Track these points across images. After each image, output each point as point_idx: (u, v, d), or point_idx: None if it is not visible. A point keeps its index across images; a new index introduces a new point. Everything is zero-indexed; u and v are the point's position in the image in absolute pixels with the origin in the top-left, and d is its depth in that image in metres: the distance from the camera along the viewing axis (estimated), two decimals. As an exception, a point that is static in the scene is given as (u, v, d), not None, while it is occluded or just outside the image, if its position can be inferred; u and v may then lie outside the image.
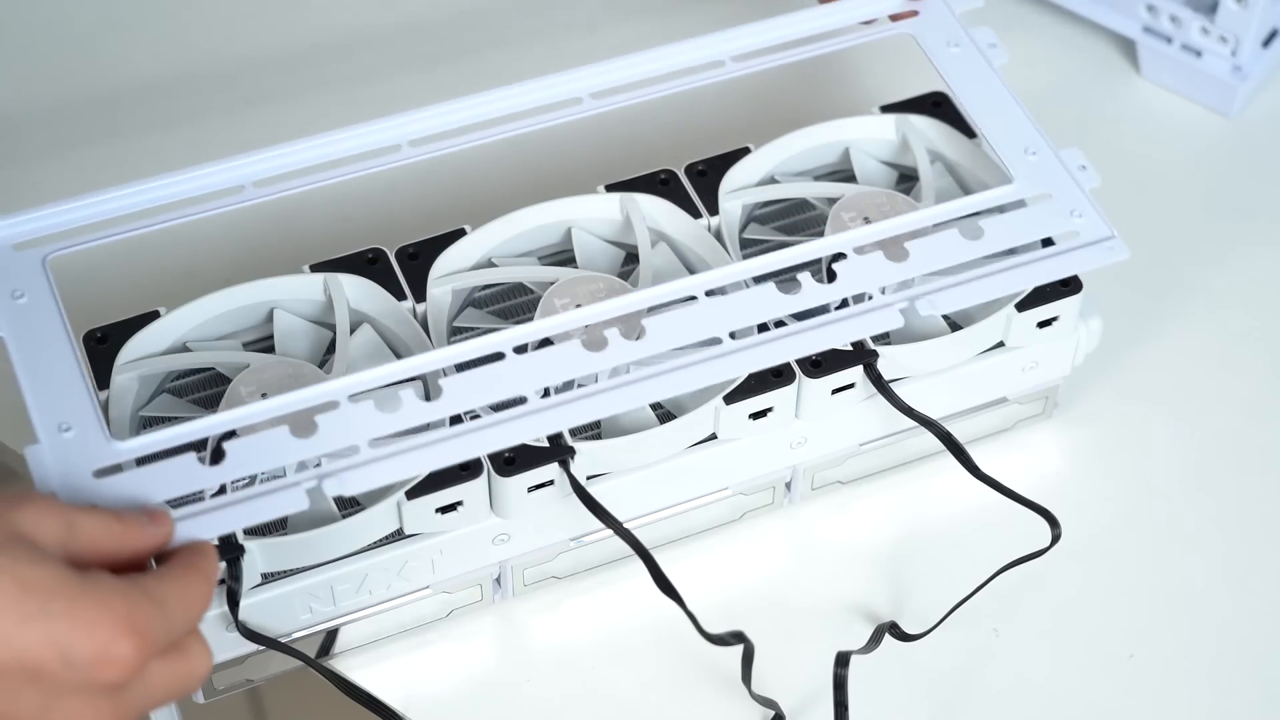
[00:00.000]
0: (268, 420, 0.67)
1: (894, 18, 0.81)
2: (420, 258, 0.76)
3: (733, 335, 0.70)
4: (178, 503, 0.64)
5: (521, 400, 0.68)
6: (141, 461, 0.65)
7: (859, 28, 0.81)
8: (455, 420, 0.68)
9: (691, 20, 0.91)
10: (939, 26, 0.81)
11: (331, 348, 0.74)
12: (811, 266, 0.74)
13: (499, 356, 0.69)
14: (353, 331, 0.74)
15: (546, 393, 0.69)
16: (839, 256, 0.72)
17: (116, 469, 0.65)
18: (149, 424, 0.73)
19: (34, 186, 0.77)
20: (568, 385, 0.70)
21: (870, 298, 0.72)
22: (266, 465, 0.65)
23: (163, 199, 0.73)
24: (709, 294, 0.71)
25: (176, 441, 0.66)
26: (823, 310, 0.72)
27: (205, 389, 0.75)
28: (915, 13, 0.81)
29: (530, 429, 0.67)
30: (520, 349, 0.69)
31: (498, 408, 0.68)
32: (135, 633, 0.55)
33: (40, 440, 0.65)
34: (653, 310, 0.71)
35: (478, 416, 0.68)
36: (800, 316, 0.72)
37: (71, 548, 0.57)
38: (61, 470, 0.64)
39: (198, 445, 0.67)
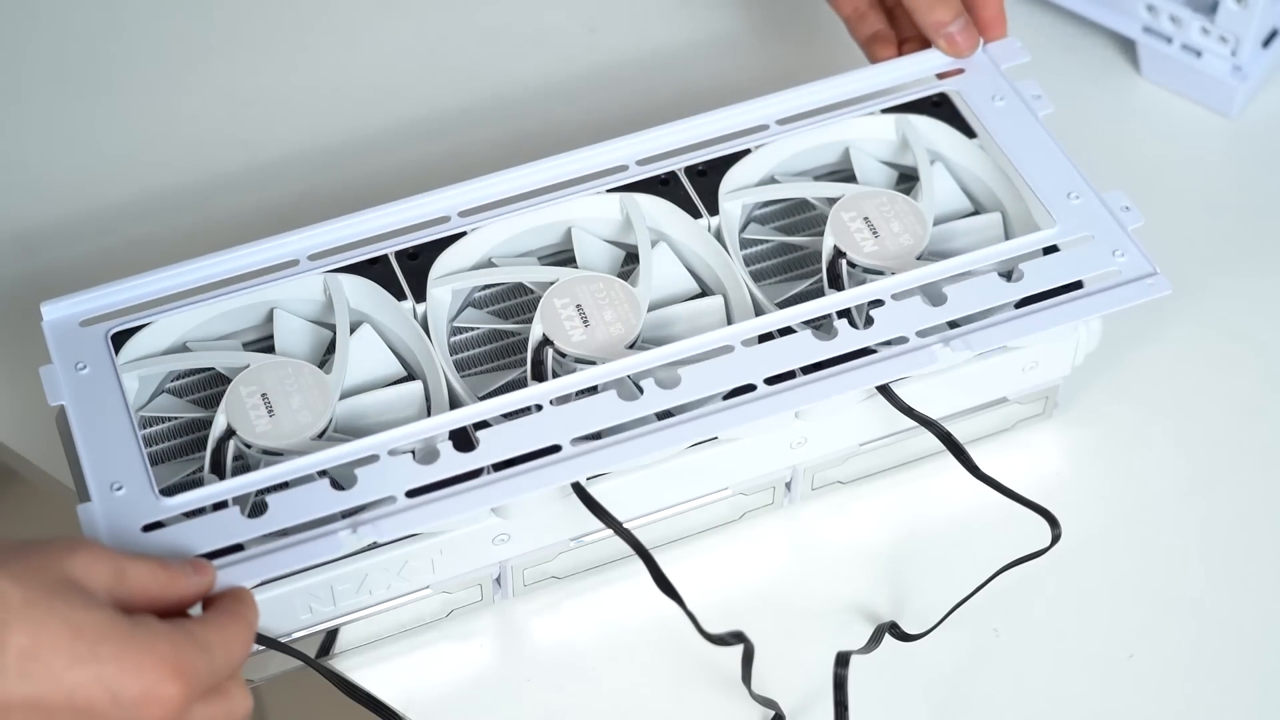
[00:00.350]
0: (310, 474, 0.69)
1: (940, 76, 0.82)
2: (420, 258, 0.76)
3: (768, 382, 0.71)
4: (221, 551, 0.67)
5: (556, 448, 0.69)
6: (187, 516, 0.68)
7: (902, 86, 0.82)
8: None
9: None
10: (984, 82, 0.81)
11: (331, 348, 0.75)
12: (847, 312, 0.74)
13: (536, 409, 0.70)
14: (353, 331, 0.74)
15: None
16: (876, 303, 0.73)
17: (164, 523, 0.67)
18: (149, 423, 0.74)
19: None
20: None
21: (906, 340, 0.72)
22: (306, 518, 0.67)
23: (220, 274, 0.75)
24: (745, 343, 0.72)
25: (221, 497, 0.68)
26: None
27: (205, 389, 0.75)
28: (961, 70, 0.82)
29: (567, 474, 0.69)
30: (557, 399, 0.71)
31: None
32: (180, 675, 0.58)
33: (93, 498, 0.68)
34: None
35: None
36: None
37: (120, 593, 0.60)
38: (111, 526, 0.67)
39: (240, 500, 0.68)
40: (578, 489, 0.70)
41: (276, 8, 0.97)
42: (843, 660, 0.71)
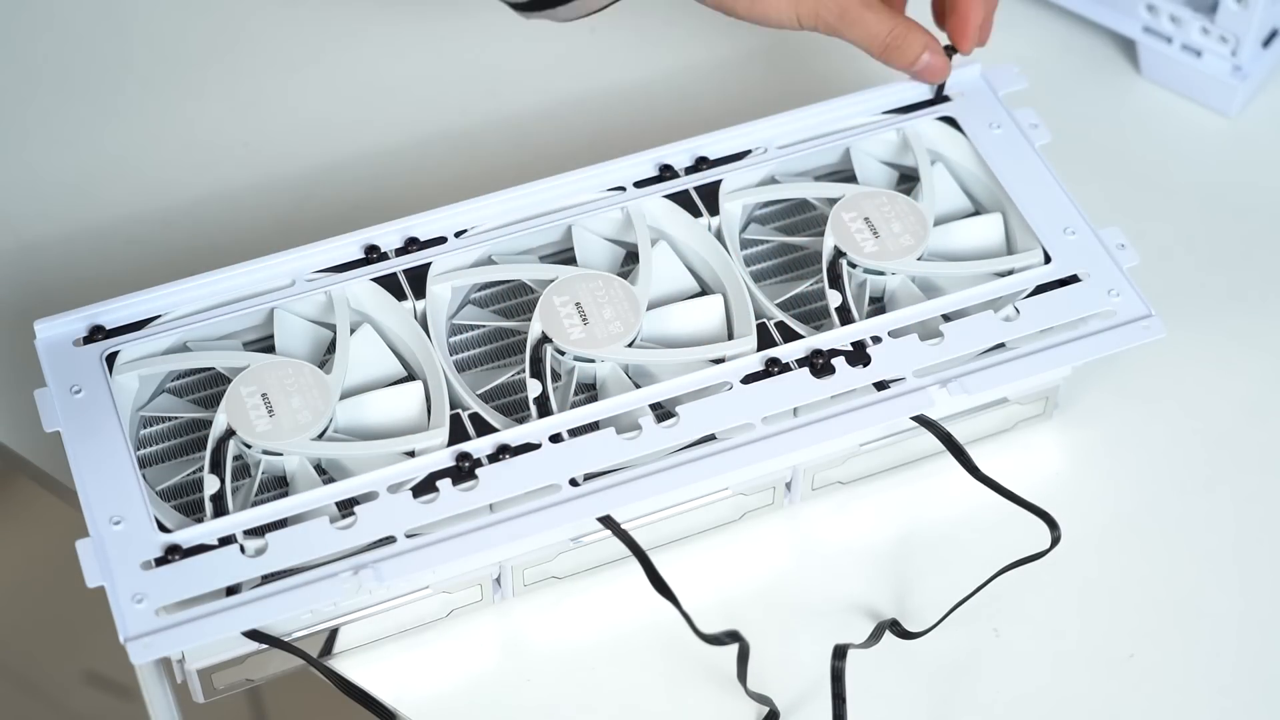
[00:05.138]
0: (311, 510, 0.69)
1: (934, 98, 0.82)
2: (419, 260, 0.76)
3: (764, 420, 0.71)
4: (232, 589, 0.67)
5: (555, 488, 0.69)
6: (187, 553, 0.68)
7: (899, 111, 0.82)
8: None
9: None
10: (982, 108, 0.81)
11: (332, 348, 0.75)
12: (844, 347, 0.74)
13: (534, 446, 0.70)
14: (353, 331, 0.74)
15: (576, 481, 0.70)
16: (874, 339, 0.73)
17: (164, 560, 0.67)
18: (149, 423, 0.74)
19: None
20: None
21: (904, 379, 0.73)
22: (307, 557, 0.67)
23: (216, 294, 0.75)
24: (744, 380, 0.72)
25: (223, 532, 0.68)
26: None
27: (205, 389, 0.75)
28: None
29: (566, 516, 0.69)
30: (555, 437, 0.71)
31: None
32: None
33: (91, 533, 0.68)
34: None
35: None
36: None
37: None
38: (110, 562, 0.67)
39: (243, 535, 0.68)
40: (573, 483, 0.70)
41: (277, 18, 0.97)
42: (840, 653, 0.71)
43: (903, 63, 0.79)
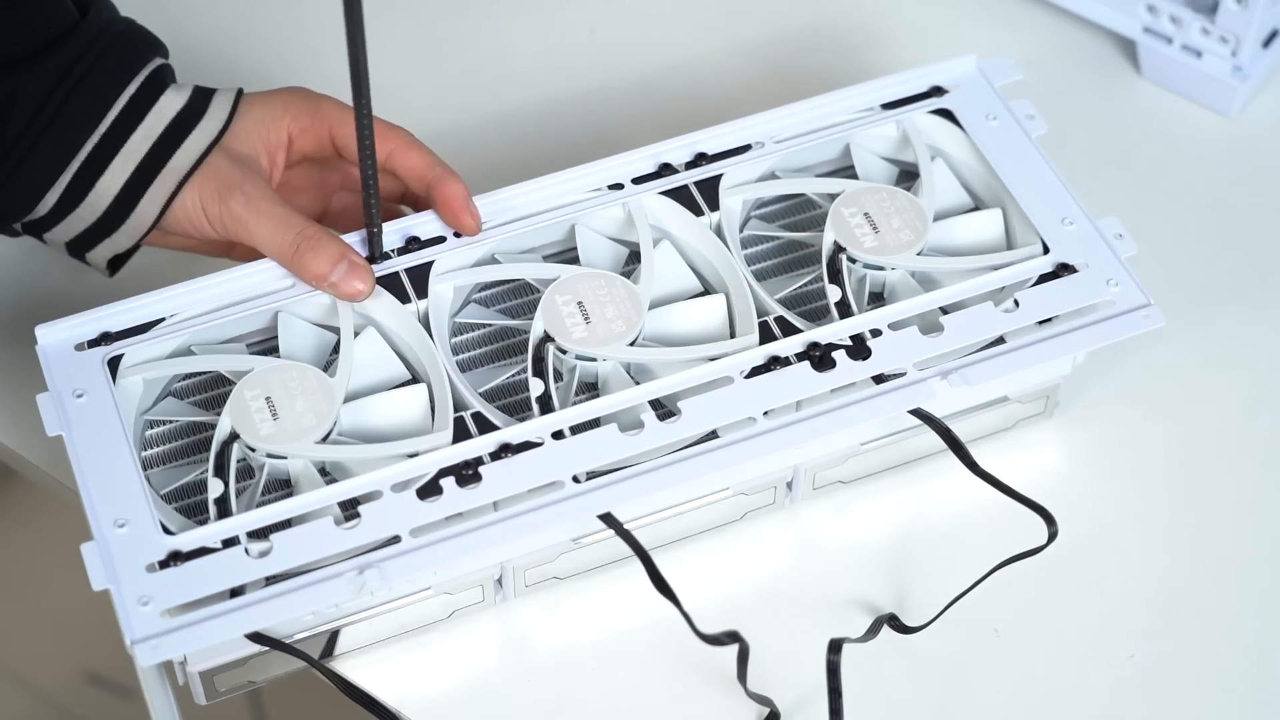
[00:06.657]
0: (316, 510, 0.69)
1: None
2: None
3: (766, 414, 0.72)
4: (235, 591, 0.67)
5: (558, 485, 0.69)
6: (191, 555, 0.67)
7: (896, 104, 0.82)
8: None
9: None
10: (978, 100, 0.81)
11: (336, 350, 0.74)
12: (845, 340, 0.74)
13: (537, 444, 0.70)
14: (356, 334, 0.74)
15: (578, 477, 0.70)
16: (875, 333, 0.73)
17: (168, 562, 0.67)
18: (153, 426, 0.74)
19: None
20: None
21: (904, 373, 0.73)
22: (311, 557, 0.67)
23: (220, 297, 0.75)
24: (746, 375, 0.72)
25: (228, 534, 0.68)
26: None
27: (209, 390, 0.75)
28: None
29: (569, 512, 0.69)
30: (557, 434, 0.71)
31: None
32: None
33: (96, 536, 0.68)
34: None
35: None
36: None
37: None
38: (115, 565, 0.67)
39: (247, 536, 0.68)
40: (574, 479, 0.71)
41: (276, 18, 0.97)
42: (835, 647, 0.71)
43: (306, 274, 0.74)
